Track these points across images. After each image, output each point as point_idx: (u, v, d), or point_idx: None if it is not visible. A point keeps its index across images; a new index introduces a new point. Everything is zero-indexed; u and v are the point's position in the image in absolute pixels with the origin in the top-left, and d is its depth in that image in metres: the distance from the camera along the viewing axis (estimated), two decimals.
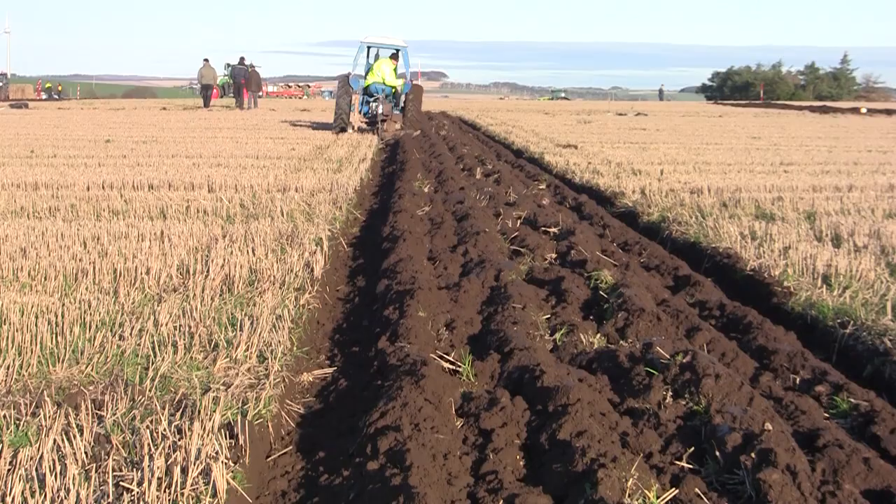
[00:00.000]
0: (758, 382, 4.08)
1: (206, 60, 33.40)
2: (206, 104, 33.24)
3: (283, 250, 6.46)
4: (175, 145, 15.47)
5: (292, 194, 9.41)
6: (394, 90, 19.80)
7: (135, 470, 3.02)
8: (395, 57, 20.13)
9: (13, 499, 2.79)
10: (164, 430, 3.28)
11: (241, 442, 3.23)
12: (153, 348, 4.26)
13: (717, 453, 3.21)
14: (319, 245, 6.64)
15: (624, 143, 17.74)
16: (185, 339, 4.39)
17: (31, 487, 2.86)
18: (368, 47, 20.91)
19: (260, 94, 38.08)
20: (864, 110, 39.41)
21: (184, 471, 2.96)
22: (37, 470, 2.99)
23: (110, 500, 2.86)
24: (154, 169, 11.51)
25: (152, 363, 4.06)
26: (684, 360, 3.91)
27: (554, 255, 6.82)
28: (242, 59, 35.01)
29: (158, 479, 2.91)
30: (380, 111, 19.33)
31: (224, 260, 5.92)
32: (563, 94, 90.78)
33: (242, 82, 33.67)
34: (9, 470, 3.00)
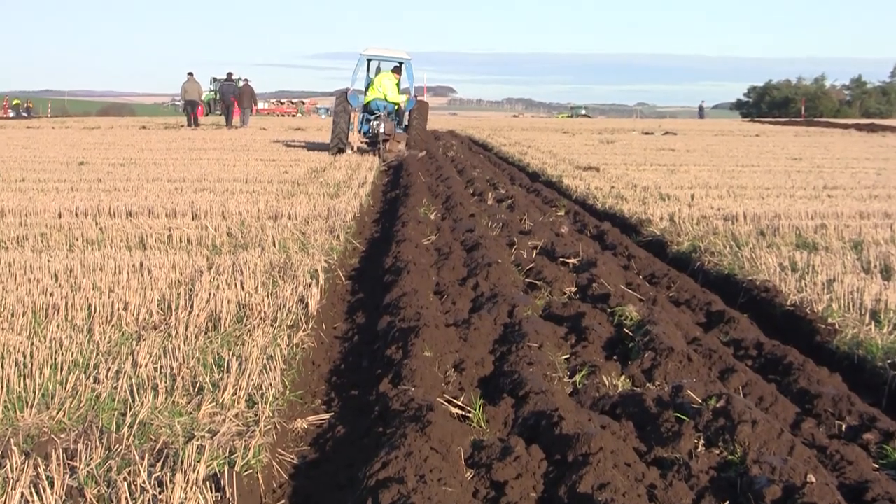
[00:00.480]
0: (799, 429, 4.08)
1: (190, 74, 33.72)
2: (191, 122, 33.49)
3: (274, 284, 6.50)
4: (156, 168, 15.59)
5: (285, 222, 9.47)
6: (396, 107, 19.94)
7: None
8: (397, 71, 20.27)
9: None
10: (144, 482, 3.29)
11: (228, 495, 3.24)
12: (131, 392, 4.28)
13: None
14: (315, 278, 6.68)
15: (651, 165, 17.82)
16: (166, 382, 4.41)
17: None
18: (369, 60, 21.08)
19: (251, 111, 38.36)
20: None
21: None
22: None
23: None
24: (132, 194, 11.60)
25: (130, 408, 4.08)
26: (718, 405, 3.92)
27: (573, 289, 6.84)
28: (230, 74, 35.34)
29: None
30: (381, 130, 19.43)
31: (210, 294, 5.96)
32: (583, 111, 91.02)
33: (232, 100, 33.95)
34: None
